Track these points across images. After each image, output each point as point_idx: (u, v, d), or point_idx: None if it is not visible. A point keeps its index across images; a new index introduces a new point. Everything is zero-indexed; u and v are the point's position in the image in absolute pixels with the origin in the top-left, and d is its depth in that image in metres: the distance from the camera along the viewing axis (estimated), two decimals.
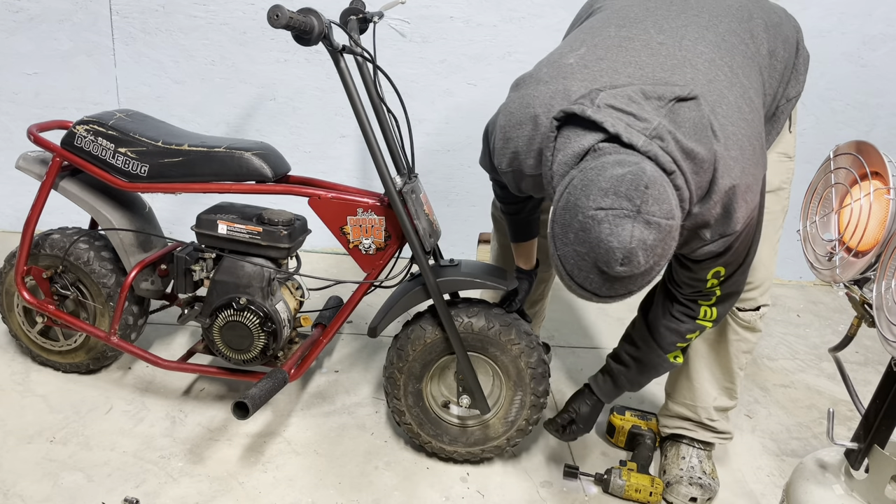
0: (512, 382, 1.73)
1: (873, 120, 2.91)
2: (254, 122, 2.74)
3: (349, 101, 1.55)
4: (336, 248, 3.01)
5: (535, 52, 2.65)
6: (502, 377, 1.74)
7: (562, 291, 2.88)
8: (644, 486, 1.76)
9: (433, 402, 1.79)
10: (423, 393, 1.76)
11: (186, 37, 2.57)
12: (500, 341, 1.68)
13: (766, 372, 2.48)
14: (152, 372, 2.07)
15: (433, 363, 1.73)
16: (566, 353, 2.45)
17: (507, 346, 1.69)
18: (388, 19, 2.58)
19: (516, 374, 1.72)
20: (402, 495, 1.72)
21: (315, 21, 1.37)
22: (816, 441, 2.13)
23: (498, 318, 1.69)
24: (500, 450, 1.81)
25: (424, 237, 1.64)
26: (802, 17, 2.67)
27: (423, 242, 1.64)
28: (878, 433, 1.33)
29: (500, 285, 1.67)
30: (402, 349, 1.71)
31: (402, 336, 1.72)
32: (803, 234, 1.49)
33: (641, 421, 1.97)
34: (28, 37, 2.52)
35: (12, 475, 1.64)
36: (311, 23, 1.36)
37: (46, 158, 1.87)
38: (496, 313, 1.69)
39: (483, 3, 2.57)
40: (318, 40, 1.39)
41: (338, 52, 1.49)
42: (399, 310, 1.67)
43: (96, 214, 1.82)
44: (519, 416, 1.77)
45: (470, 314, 1.68)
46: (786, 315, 2.93)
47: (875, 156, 1.30)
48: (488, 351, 1.70)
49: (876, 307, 1.21)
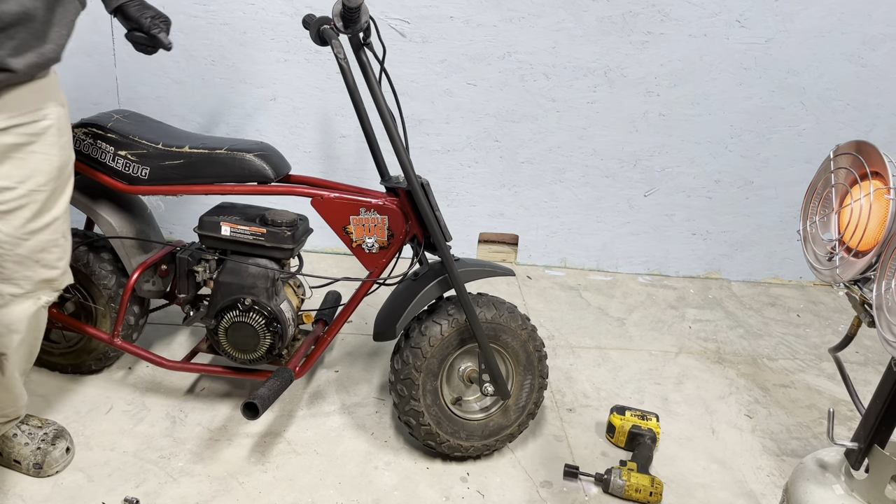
0: (522, 367, 1.80)
1: (873, 120, 2.91)
2: (254, 122, 2.74)
3: (371, 94, 1.60)
4: (336, 248, 3.01)
5: (535, 52, 2.65)
6: (513, 363, 1.80)
7: (562, 292, 2.89)
8: (644, 486, 1.76)
9: (446, 399, 1.80)
10: (440, 391, 1.77)
11: (186, 37, 2.57)
12: (510, 327, 1.75)
13: (766, 372, 2.48)
14: (152, 372, 2.07)
15: (448, 358, 1.75)
16: (566, 352, 2.45)
17: (517, 331, 1.76)
18: (388, 19, 2.58)
19: (525, 359, 1.80)
20: (402, 495, 1.72)
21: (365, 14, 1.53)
22: (816, 441, 2.13)
23: (502, 306, 1.74)
24: (512, 437, 1.86)
25: (446, 229, 1.67)
26: (802, 17, 2.68)
27: (445, 233, 1.66)
28: (878, 433, 1.33)
29: (507, 272, 1.76)
30: (417, 347, 1.71)
31: (414, 335, 1.72)
32: (803, 234, 1.49)
33: (641, 421, 1.97)
34: None
35: (12, 475, 1.64)
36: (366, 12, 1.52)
37: None
38: (497, 301, 1.76)
39: (483, 3, 2.57)
40: (361, 29, 1.51)
41: (361, 47, 1.60)
42: (419, 305, 1.69)
43: (97, 218, 1.82)
44: (529, 400, 1.83)
45: (479, 305, 1.73)
46: (786, 315, 2.93)
47: (875, 156, 1.30)
48: (500, 339, 1.76)
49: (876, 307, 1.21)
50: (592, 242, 3.06)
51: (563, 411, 2.13)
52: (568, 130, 2.82)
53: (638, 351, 2.51)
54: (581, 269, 3.10)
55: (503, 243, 3.04)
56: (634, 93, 2.76)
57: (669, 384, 2.34)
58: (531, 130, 2.80)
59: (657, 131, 2.85)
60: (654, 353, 2.52)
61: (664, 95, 2.77)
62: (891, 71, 2.82)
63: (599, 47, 2.67)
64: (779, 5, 2.65)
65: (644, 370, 2.40)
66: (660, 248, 3.09)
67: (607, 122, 2.81)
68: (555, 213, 2.98)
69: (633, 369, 2.40)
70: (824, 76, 2.80)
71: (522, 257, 3.06)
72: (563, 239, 3.04)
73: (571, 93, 2.74)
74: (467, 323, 1.69)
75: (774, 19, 2.67)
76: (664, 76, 2.74)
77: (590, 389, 2.26)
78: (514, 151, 2.84)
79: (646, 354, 2.50)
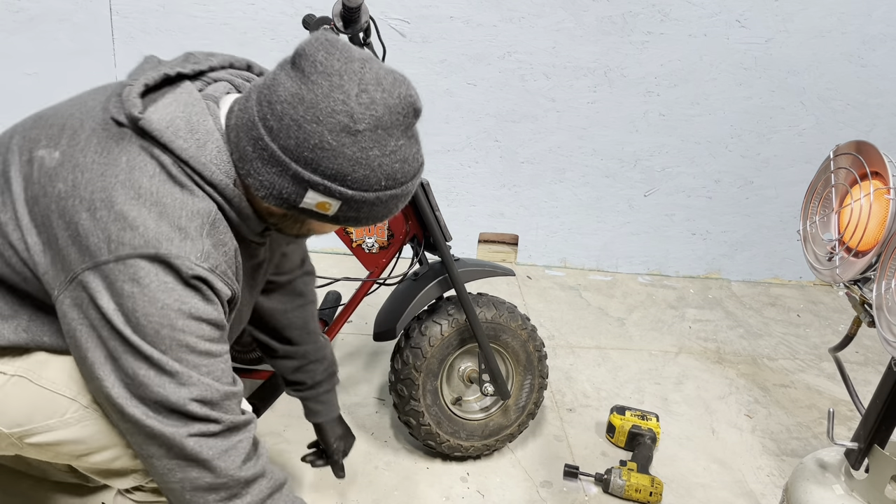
0: (522, 367, 1.80)
1: (873, 120, 2.91)
2: None
3: None
4: (335, 248, 3.01)
5: (535, 52, 2.65)
6: (513, 363, 1.80)
7: (562, 292, 2.89)
8: (644, 486, 1.76)
9: (446, 399, 1.80)
10: (440, 391, 1.77)
11: (186, 37, 2.57)
12: (510, 327, 1.75)
13: (766, 372, 2.48)
14: None
15: (448, 358, 1.75)
16: (566, 352, 2.45)
17: (517, 331, 1.76)
18: (388, 19, 2.58)
19: (525, 359, 1.80)
20: (402, 495, 1.72)
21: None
22: (816, 441, 2.13)
23: (502, 306, 1.74)
24: (512, 437, 1.86)
25: (446, 229, 1.67)
26: (802, 17, 2.68)
27: (445, 233, 1.66)
28: (878, 433, 1.33)
29: (507, 272, 1.76)
30: (417, 347, 1.71)
31: (414, 335, 1.72)
32: (803, 234, 1.49)
33: (641, 421, 1.97)
34: (28, 37, 2.52)
35: (12, 475, 1.63)
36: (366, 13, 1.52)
37: None
38: (497, 301, 1.75)
39: (483, 3, 2.57)
40: (361, 29, 1.51)
41: (361, 47, 1.58)
42: (419, 305, 1.69)
43: None
44: (529, 400, 1.83)
45: (479, 305, 1.73)
46: (786, 315, 2.93)
47: (875, 156, 1.30)
48: (500, 339, 1.75)
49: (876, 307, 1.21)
50: (592, 242, 3.05)
51: (563, 411, 2.13)
52: (568, 130, 2.82)
53: (638, 351, 2.51)
54: (581, 269, 3.10)
55: (503, 243, 3.04)
56: (634, 93, 2.76)
57: (669, 384, 2.34)
58: (531, 130, 2.80)
59: (657, 131, 2.85)
60: (654, 353, 2.52)
61: (664, 95, 2.77)
62: (891, 71, 2.82)
63: (599, 47, 2.67)
64: (779, 5, 2.65)
65: (644, 370, 2.40)
66: (660, 248, 3.09)
67: (607, 122, 2.81)
68: (555, 213, 2.98)
69: (633, 369, 2.40)
70: (824, 76, 2.80)
71: (522, 257, 3.06)
72: (563, 239, 3.04)
73: (571, 93, 2.74)
74: (467, 323, 1.69)
75: (774, 19, 2.67)
76: (664, 76, 2.74)
77: (590, 389, 2.26)
78: (514, 151, 2.84)
79: (646, 354, 2.50)
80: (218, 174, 0.94)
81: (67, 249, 0.90)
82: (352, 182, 0.92)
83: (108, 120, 0.94)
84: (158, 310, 0.89)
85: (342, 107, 0.88)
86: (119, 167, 0.91)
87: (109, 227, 0.88)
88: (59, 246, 0.91)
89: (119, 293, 0.89)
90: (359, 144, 0.90)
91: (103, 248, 0.88)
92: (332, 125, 0.88)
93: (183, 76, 1.01)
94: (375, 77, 0.92)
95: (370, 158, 0.91)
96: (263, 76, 0.97)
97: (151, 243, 0.88)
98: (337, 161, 0.90)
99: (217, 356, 0.96)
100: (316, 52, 0.90)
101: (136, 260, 0.88)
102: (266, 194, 0.95)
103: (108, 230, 0.88)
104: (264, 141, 0.91)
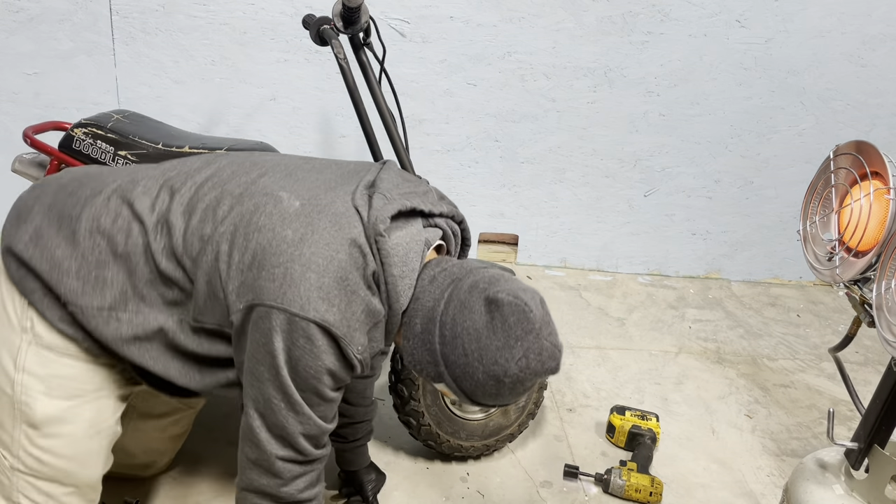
0: None
1: (873, 120, 2.91)
2: (254, 122, 2.74)
3: (371, 95, 1.60)
4: None
5: (535, 52, 2.65)
6: None
7: (562, 292, 2.89)
8: (644, 486, 1.76)
9: (446, 400, 1.80)
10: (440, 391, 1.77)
11: (186, 37, 2.57)
12: None
13: (766, 372, 2.48)
14: None
15: None
16: (566, 352, 2.44)
17: None
18: (388, 19, 2.58)
19: None
20: (402, 495, 1.72)
21: None
22: (816, 441, 2.13)
23: None
24: (512, 437, 1.86)
25: None
26: (802, 17, 2.68)
27: None
28: (878, 433, 1.33)
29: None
30: None
31: None
32: (803, 234, 1.49)
33: (641, 421, 1.97)
34: (28, 37, 2.52)
35: None
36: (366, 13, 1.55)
37: (43, 161, 1.85)
38: None
39: (483, 3, 2.57)
40: (361, 29, 1.52)
41: (361, 47, 1.61)
42: None
43: None
44: (529, 400, 1.82)
45: None
46: (786, 315, 2.93)
47: (875, 156, 1.30)
48: None
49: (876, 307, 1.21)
50: (592, 242, 3.05)
51: (563, 411, 2.13)
52: (568, 130, 2.82)
53: (638, 351, 2.51)
54: (581, 269, 3.10)
55: (503, 243, 3.04)
56: (634, 93, 2.76)
57: (669, 384, 2.34)
58: (531, 130, 2.80)
59: (657, 131, 2.85)
60: (654, 353, 2.52)
61: (664, 95, 2.77)
62: (891, 71, 2.82)
63: (599, 47, 2.67)
64: (779, 5, 2.65)
65: (644, 370, 2.40)
66: (660, 248, 3.08)
67: (607, 122, 2.81)
68: (555, 213, 2.98)
69: (633, 369, 2.40)
70: (824, 76, 2.80)
71: (522, 257, 3.06)
72: (563, 239, 3.04)
73: (571, 93, 2.74)
74: None
75: (774, 19, 2.67)
76: (664, 76, 2.74)
77: (590, 389, 2.26)
78: (514, 151, 2.84)
79: (646, 354, 2.50)
80: (401, 301, 1.16)
81: (268, 282, 1.08)
82: (474, 396, 1.16)
83: (351, 209, 1.14)
84: (316, 365, 1.09)
85: (503, 364, 1.10)
86: (342, 252, 1.10)
87: (311, 292, 1.07)
88: (259, 274, 1.09)
89: (293, 342, 1.08)
90: (497, 387, 1.12)
91: (297, 302, 1.07)
92: (488, 370, 1.10)
93: (417, 211, 1.22)
94: (539, 349, 1.11)
95: (499, 392, 1.13)
96: (469, 273, 1.19)
97: (335, 325, 1.08)
98: (474, 386, 1.13)
99: (334, 402, 1.18)
100: (510, 314, 1.10)
101: (316, 327, 1.07)
102: (410, 361, 1.20)
103: (310, 293, 1.07)
104: (433, 337, 1.15)
